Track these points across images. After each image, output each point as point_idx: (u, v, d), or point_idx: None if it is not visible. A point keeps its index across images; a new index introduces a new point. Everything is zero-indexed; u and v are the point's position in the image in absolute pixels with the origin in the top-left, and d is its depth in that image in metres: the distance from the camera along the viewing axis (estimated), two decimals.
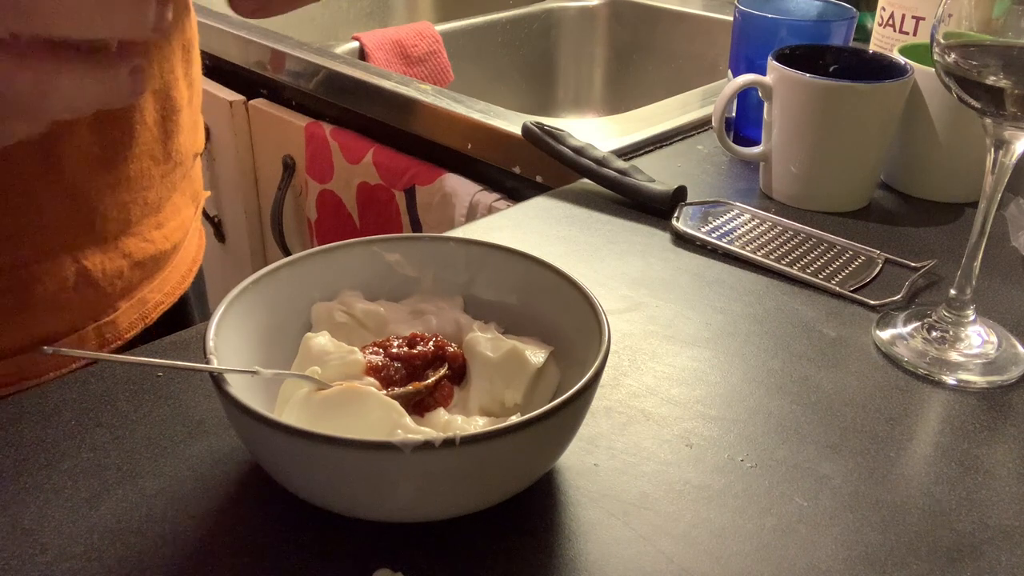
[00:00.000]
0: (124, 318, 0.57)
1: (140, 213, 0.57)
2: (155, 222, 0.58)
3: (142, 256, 0.57)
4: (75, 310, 0.54)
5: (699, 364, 0.53)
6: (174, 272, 0.62)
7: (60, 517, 0.40)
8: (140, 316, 0.58)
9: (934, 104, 0.70)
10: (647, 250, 0.65)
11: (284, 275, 0.47)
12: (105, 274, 0.55)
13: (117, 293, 0.56)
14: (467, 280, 0.50)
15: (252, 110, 1.12)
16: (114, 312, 0.56)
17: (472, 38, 1.31)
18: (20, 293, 0.51)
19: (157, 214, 0.58)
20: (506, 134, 0.85)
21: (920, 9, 0.79)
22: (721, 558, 0.40)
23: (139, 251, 0.57)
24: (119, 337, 0.57)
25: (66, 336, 0.54)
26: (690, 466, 0.45)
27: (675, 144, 0.84)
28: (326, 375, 0.43)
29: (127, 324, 0.57)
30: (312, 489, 0.39)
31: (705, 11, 1.31)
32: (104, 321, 0.56)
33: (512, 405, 0.44)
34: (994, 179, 0.52)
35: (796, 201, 0.72)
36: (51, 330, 0.53)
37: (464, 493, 0.38)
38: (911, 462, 0.46)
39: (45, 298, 0.52)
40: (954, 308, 0.55)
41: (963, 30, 0.48)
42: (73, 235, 0.53)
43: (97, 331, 0.56)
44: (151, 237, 0.58)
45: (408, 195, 0.96)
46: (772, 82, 0.70)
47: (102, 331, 0.56)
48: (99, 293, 0.55)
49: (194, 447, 0.45)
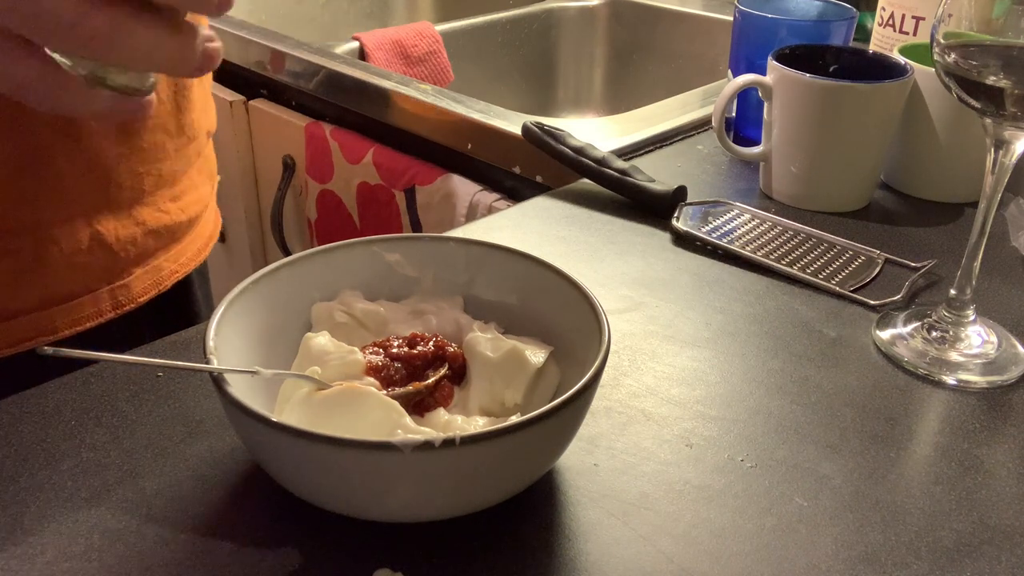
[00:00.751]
0: (138, 283, 0.59)
1: (154, 184, 0.59)
2: (170, 194, 0.60)
3: (156, 225, 0.59)
4: (89, 272, 0.56)
5: (699, 364, 0.53)
6: (190, 245, 0.64)
7: (60, 517, 0.40)
8: (154, 283, 0.60)
9: (934, 104, 0.70)
10: (647, 250, 0.65)
11: (284, 275, 0.47)
12: (119, 240, 0.57)
13: (131, 259, 0.58)
14: (467, 280, 0.50)
15: (252, 110, 1.12)
16: (128, 276, 0.59)
17: (472, 38, 1.31)
18: (37, 252, 0.53)
19: (172, 187, 0.60)
20: (506, 134, 0.85)
21: (920, 9, 0.79)
22: (721, 558, 0.40)
23: (153, 220, 0.59)
24: (132, 301, 0.59)
25: (81, 297, 0.56)
26: (690, 466, 0.45)
27: (675, 144, 0.84)
28: (326, 375, 0.43)
29: (140, 289, 0.59)
30: (312, 489, 0.39)
31: (705, 11, 1.31)
32: (118, 284, 0.58)
33: (512, 405, 0.44)
34: (994, 179, 0.52)
35: (796, 201, 0.72)
36: (67, 290, 0.55)
37: (464, 493, 0.38)
38: (911, 462, 0.46)
39: (61, 259, 0.54)
40: (954, 308, 0.55)
41: (963, 30, 0.48)
42: (89, 201, 0.55)
43: (111, 293, 0.58)
44: (166, 208, 0.60)
45: (408, 195, 0.96)
46: (772, 82, 0.70)
47: (116, 294, 0.58)
48: (113, 257, 0.57)
49: (194, 447, 0.45)
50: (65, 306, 0.55)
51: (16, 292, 0.53)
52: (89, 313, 0.56)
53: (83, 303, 0.56)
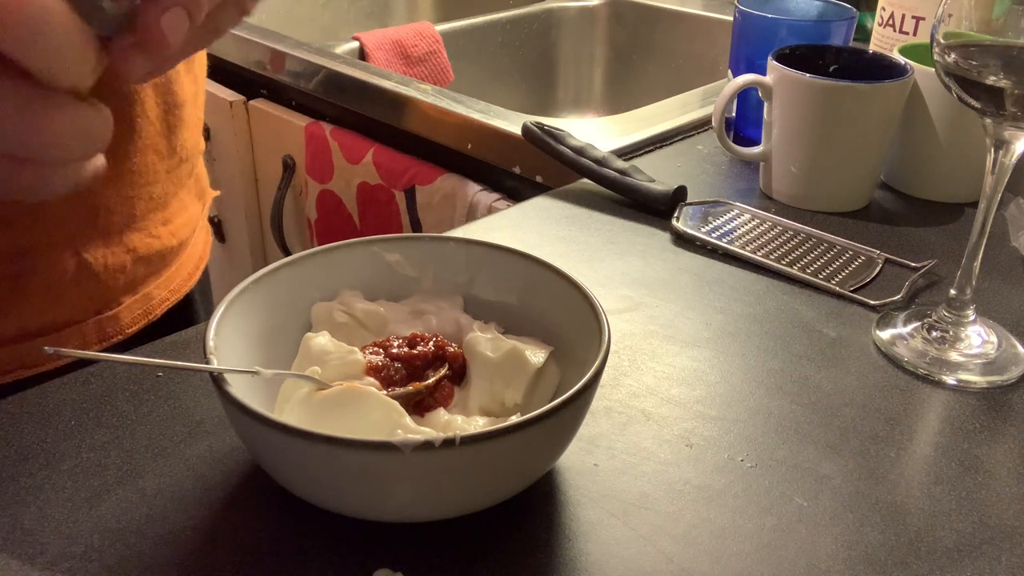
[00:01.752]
0: (127, 313, 0.57)
1: (145, 208, 0.56)
2: (162, 218, 0.58)
3: (147, 251, 0.57)
4: (74, 302, 0.54)
5: (699, 364, 0.53)
6: (180, 270, 0.62)
7: (60, 517, 0.40)
8: (144, 312, 0.58)
9: (934, 104, 0.70)
10: (647, 250, 0.65)
11: (284, 275, 0.47)
12: (107, 268, 0.55)
13: (120, 288, 0.56)
14: (467, 280, 0.50)
15: (252, 110, 1.12)
16: (117, 307, 0.56)
17: (472, 38, 1.31)
18: (17, 281, 0.51)
19: (163, 210, 0.58)
20: (506, 134, 0.85)
21: (920, 9, 0.79)
22: (721, 558, 0.40)
23: (144, 246, 0.57)
24: (121, 332, 0.57)
25: (65, 328, 0.54)
26: (690, 466, 0.45)
27: (675, 144, 0.84)
28: (326, 375, 0.43)
29: (130, 319, 0.57)
30: (312, 489, 0.39)
31: (705, 11, 1.31)
32: (106, 315, 0.56)
33: (512, 405, 0.44)
34: (994, 179, 0.52)
35: (796, 201, 0.72)
36: (48, 320, 0.53)
37: (464, 493, 0.38)
38: (911, 462, 0.46)
39: (43, 288, 0.52)
40: (954, 308, 0.55)
41: (963, 30, 0.48)
42: (75, 227, 0.53)
43: (98, 324, 0.55)
44: (157, 233, 0.58)
45: (408, 195, 0.96)
46: (772, 82, 0.70)
47: (103, 325, 0.56)
48: (100, 287, 0.55)
49: (194, 447, 0.45)
50: (47, 338, 0.53)
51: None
52: (74, 346, 0.54)
53: (67, 335, 0.54)
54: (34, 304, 0.52)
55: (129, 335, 0.57)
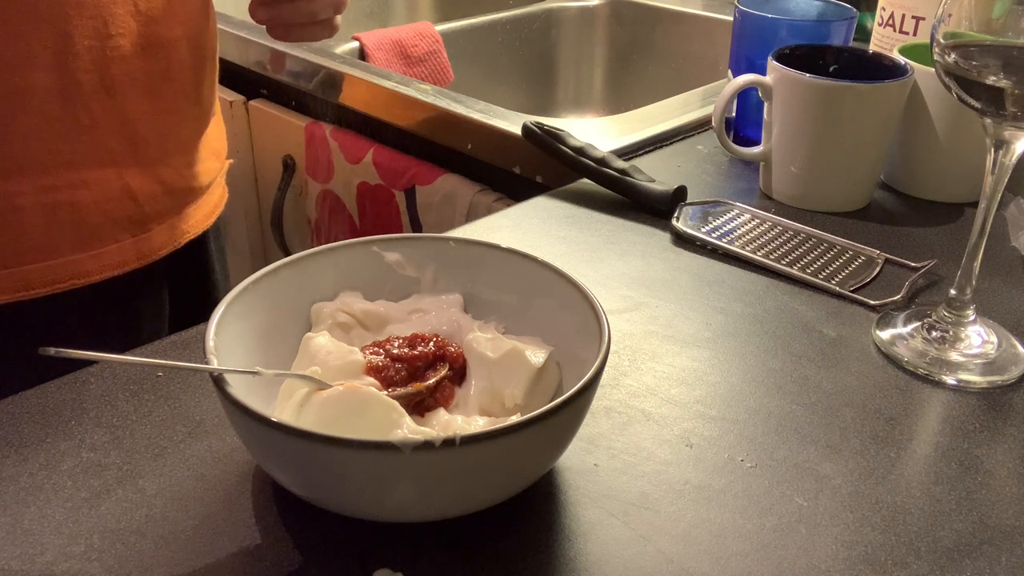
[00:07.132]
0: (157, 238, 0.64)
1: (174, 147, 0.64)
2: (186, 161, 0.66)
3: (175, 185, 0.65)
4: (118, 222, 0.61)
5: (699, 364, 0.53)
6: (199, 209, 0.69)
7: (60, 517, 0.40)
8: (170, 239, 0.66)
9: (934, 104, 0.70)
10: (647, 250, 0.65)
11: (284, 275, 0.47)
12: (144, 194, 0.62)
13: (152, 215, 0.63)
14: (467, 280, 0.50)
15: (252, 110, 1.12)
16: (149, 231, 0.64)
17: (472, 38, 1.31)
18: (72, 192, 0.58)
19: (188, 154, 0.66)
20: (506, 134, 0.85)
21: (920, 9, 0.79)
22: (721, 558, 0.40)
23: (172, 180, 0.64)
24: (154, 253, 0.64)
25: (109, 245, 0.61)
26: (690, 466, 0.45)
27: (675, 144, 0.84)
28: (326, 375, 0.43)
29: (159, 243, 0.65)
30: (312, 489, 0.39)
31: (705, 11, 1.31)
32: (141, 236, 0.63)
33: (512, 405, 0.44)
34: (994, 179, 0.52)
35: (796, 201, 0.72)
36: (97, 235, 0.60)
37: (464, 493, 0.38)
38: (911, 462, 0.46)
39: (93, 204, 0.59)
40: (954, 308, 0.55)
41: (963, 30, 0.48)
42: (119, 153, 0.60)
43: (135, 244, 0.63)
44: (182, 172, 0.66)
45: (408, 195, 0.96)
46: (772, 82, 0.70)
47: (139, 245, 0.63)
48: (139, 210, 0.62)
49: (194, 447, 0.45)
50: (95, 252, 0.60)
51: (51, 227, 0.58)
52: (116, 261, 0.61)
53: (111, 251, 0.61)
54: (86, 216, 0.59)
55: (160, 256, 0.65)
